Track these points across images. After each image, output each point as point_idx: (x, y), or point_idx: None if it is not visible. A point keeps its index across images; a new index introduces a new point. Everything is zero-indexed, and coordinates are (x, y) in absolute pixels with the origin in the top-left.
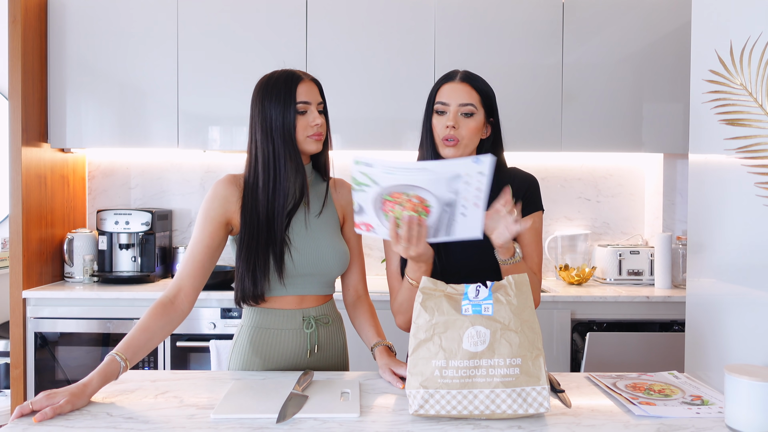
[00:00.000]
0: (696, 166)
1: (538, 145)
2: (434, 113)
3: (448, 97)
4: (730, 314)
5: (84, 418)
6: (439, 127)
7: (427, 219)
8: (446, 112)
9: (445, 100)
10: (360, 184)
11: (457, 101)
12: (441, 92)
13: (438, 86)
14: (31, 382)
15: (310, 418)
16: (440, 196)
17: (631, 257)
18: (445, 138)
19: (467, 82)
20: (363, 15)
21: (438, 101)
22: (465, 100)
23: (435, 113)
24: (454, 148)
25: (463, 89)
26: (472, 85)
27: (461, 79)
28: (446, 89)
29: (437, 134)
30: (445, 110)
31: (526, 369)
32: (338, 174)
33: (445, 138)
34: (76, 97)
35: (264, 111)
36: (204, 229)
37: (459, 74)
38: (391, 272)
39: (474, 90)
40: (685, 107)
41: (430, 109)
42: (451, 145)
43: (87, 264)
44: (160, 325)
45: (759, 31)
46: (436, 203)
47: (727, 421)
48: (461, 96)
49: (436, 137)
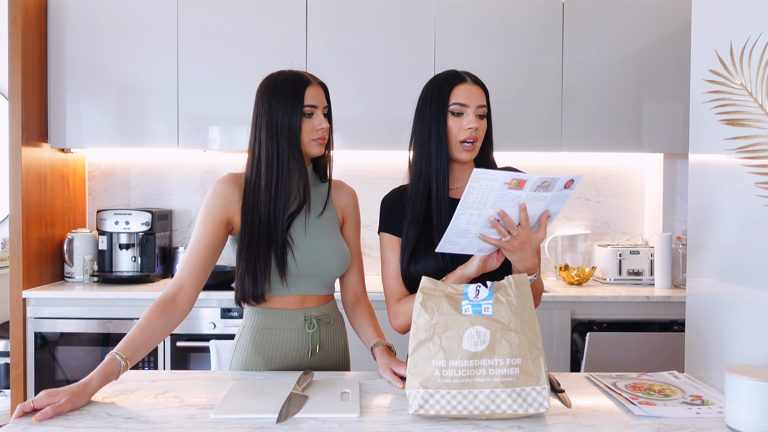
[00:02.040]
0: (696, 166)
1: (538, 145)
2: (449, 114)
3: (467, 98)
4: (730, 314)
5: (84, 417)
6: (456, 129)
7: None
8: (464, 114)
9: (464, 102)
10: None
11: (475, 103)
12: (457, 93)
13: (451, 87)
14: (31, 382)
15: (310, 418)
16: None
17: (631, 257)
18: (466, 139)
19: (478, 84)
20: (363, 15)
21: (455, 102)
22: (481, 102)
23: (451, 114)
24: (471, 151)
25: (477, 91)
26: (482, 86)
27: (474, 81)
28: (463, 90)
29: (454, 136)
30: (463, 111)
31: (526, 369)
32: (338, 174)
33: (465, 140)
34: (76, 97)
35: (270, 111)
36: (204, 228)
37: (468, 75)
38: (390, 274)
39: (483, 91)
40: (685, 107)
41: (442, 110)
42: (470, 148)
43: (87, 264)
44: (160, 324)
45: (759, 31)
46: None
47: (727, 421)
48: (478, 98)
49: (452, 139)
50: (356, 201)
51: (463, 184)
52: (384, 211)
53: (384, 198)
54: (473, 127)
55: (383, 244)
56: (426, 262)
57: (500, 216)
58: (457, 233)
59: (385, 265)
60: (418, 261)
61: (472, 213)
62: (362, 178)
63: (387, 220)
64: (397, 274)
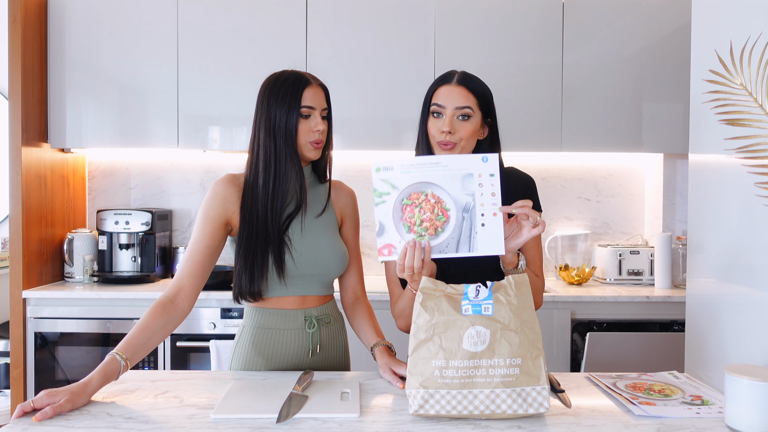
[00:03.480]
0: (696, 166)
1: (538, 145)
2: (430, 115)
3: (445, 100)
4: (730, 314)
5: (84, 417)
6: (434, 130)
7: (446, 227)
8: (442, 115)
9: (441, 103)
10: (381, 194)
11: (453, 104)
12: (437, 94)
13: (434, 88)
14: (31, 382)
15: (310, 418)
16: (456, 199)
17: (631, 257)
18: (441, 142)
19: (463, 85)
20: (363, 15)
21: (434, 103)
22: (461, 103)
23: (431, 115)
24: (450, 152)
25: (459, 92)
26: (469, 87)
27: (458, 82)
28: (443, 92)
29: (432, 137)
30: (441, 112)
31: (526, 369)
32: (338, 174)
33: (440, 142)
34: (76, 97)
35: (269, 110)
36: (204, 229)
37: (456, 76)
38: (390, 277)
39: (470, 92)
40: (685, 107)
41: (426, 110)
42: (447, 149)
43: (87, 264)
44: (160, 324)
45: (759, 31)
46: (454, 206)
47: (727, 421)
48: (457, 99)
49: (431, 139)
50: (355, 201)
51: None
52: None
53: None
54: (446, 130)
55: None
56: None
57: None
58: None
59: (387, 267)
60: None
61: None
62: (362, 178)
63: None
64: (397, 276)
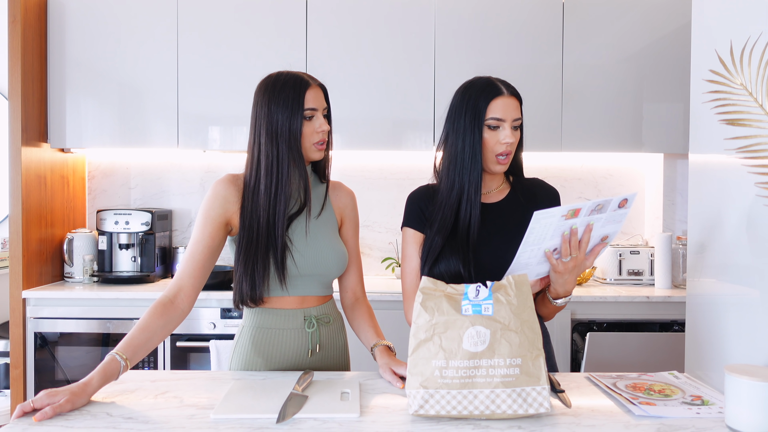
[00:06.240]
0: (696, 166)
1: (538, 145)
2: (486, 128)
3: (504, 113)
4: (730, 314)
5: (84, 417)
6: (492, 143)
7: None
8: (501, 128)
9: (501, 116)
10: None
11: (511, 116)
12: (493, 108)
13: (487, 101)
14: (31, 382)
15: (310, 418)
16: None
17: (631, 257)
18: (502, 153)
19: (514, 95)
20: (363, 15)
21: (492, 117)
22: (518, 115)
23: (487, 128)
24: (505, 164)
25: (513, 104)
26: (518, 97)
27: (511, 93)
28: (499, 105)
29: (490, 149)
30: (500, 125)
31: (526, 369)
32: (337, 174)
33: (502, 153)
34: (76, 97)
35: (270, 114)
36: (204, 229)
37: (506, 87)
38: (411, 269)
39: (519, 102)
40: (685, 107)
41: (478, 123)
42: (505, 161)
43: (87, 264)
44: (160, 324)
45: (759, 31)
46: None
47: (727, 422)
48: (515, 111)
49: (487, 152)
50: (354, 202)
51: (490, 191)
52: (410, 206)
53: (411, 194)
54: (509, 141)
55: (406, 239)
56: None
57: (571, 233)
58: (518, 267)
59: (406, 260)
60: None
61: (533, 248)
62: (362, 178)
63: (412, 216)
64: (417, 270)
